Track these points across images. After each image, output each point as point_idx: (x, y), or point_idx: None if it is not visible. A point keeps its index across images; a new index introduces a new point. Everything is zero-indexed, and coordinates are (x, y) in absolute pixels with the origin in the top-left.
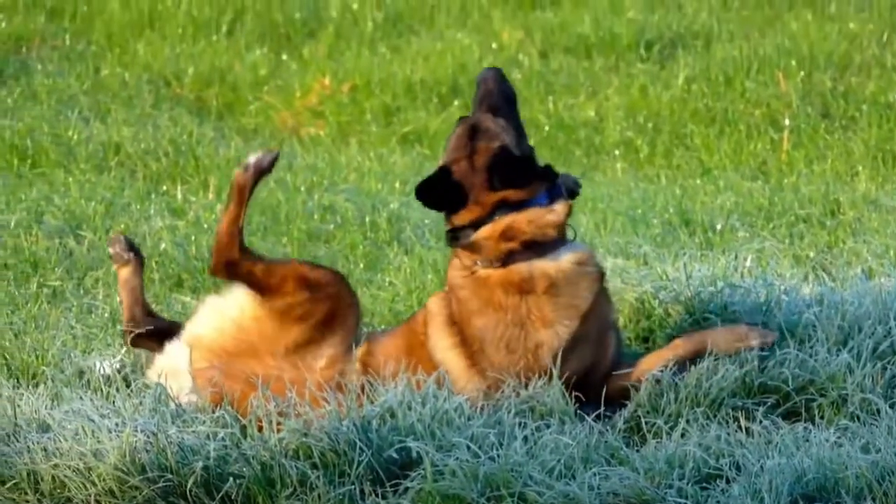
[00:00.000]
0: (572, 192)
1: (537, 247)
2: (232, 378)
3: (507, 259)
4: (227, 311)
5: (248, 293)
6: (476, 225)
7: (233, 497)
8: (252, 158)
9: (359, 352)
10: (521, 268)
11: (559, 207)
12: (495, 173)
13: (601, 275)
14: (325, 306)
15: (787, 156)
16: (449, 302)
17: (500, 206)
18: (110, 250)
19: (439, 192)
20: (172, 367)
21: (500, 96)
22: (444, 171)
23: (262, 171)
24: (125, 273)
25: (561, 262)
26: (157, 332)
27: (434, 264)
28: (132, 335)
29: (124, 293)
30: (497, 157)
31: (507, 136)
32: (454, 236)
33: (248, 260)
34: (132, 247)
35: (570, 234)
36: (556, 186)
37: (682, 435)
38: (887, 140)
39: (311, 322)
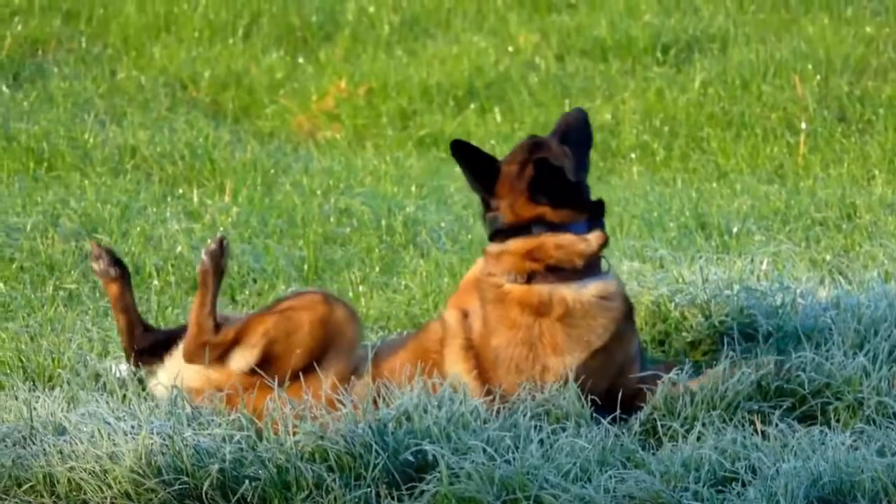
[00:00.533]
0: None
1: (562, 272)
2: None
3: (529, 278)
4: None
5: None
6: (508, 234)
7: (248, 499)
8: (203, 252)
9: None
10: (541, 289)
11: (593, 238)
12: (538, 182)
13: (627, 310)
14: (311, 323)
15: (804, 159)
16: (468, 324)
17: (537, 222)
18: (94, 266)
19: (476, 159)
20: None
21: (575, 133)
22: (493, 160)
23: (215, 254)
24: (115, 290)
25: (582, 292)
26: (158, 346)
27: (450, 268)
28: (136, 356)
29: (119, 314)
30: (545, 168)
31: (567, 161)
32: (491, 235)
33: (222, 333)
34: (117, 260)
35: (604, 265)
36: (598, 220)
37: (698, 438)
38: None
39: (302, 344)
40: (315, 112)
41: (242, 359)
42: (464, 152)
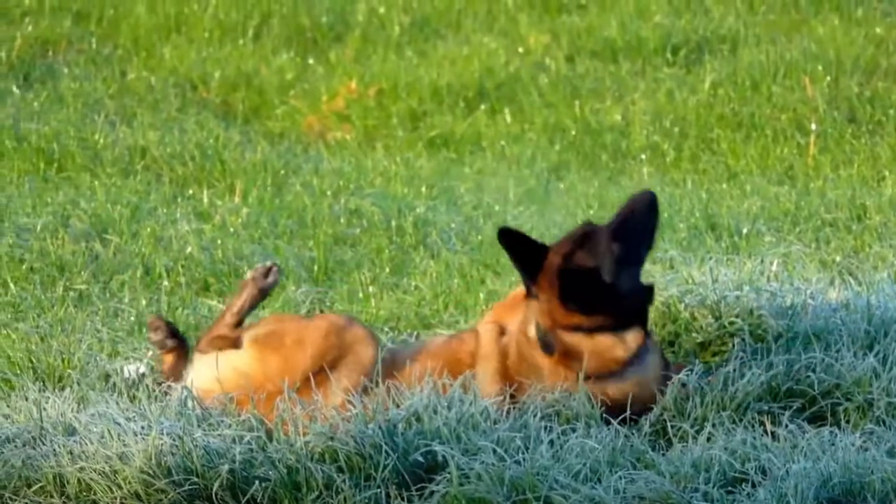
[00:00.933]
0: None
1: (599, 377)
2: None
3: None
4: (226, 362)
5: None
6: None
7: (258, 500)
8: (250, 272)
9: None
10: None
11: (631, 339)
12: (567, 292)
13: (664, 379)
14: (327, 328)
15: (814, 160)
16: (503, 346)
17: (573, 329)
18: (151, 336)
19: (524, 247)
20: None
21: (638, 219)
22: (542, 248)
23: (257, 272)
24: (170, 360)
25: (622, 385)
26: None
27: (460, 268)
28: None
29: (172, 382)
30: (573, 279)
31: (606, 260)
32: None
33: (238, 329)
34: (174, 332)
35: None
36: (641, 312)
37: (708, 439)
38: None
39: (313, 342)
40: (325, 113)
41: (252, 333)
42: (511, 241)
